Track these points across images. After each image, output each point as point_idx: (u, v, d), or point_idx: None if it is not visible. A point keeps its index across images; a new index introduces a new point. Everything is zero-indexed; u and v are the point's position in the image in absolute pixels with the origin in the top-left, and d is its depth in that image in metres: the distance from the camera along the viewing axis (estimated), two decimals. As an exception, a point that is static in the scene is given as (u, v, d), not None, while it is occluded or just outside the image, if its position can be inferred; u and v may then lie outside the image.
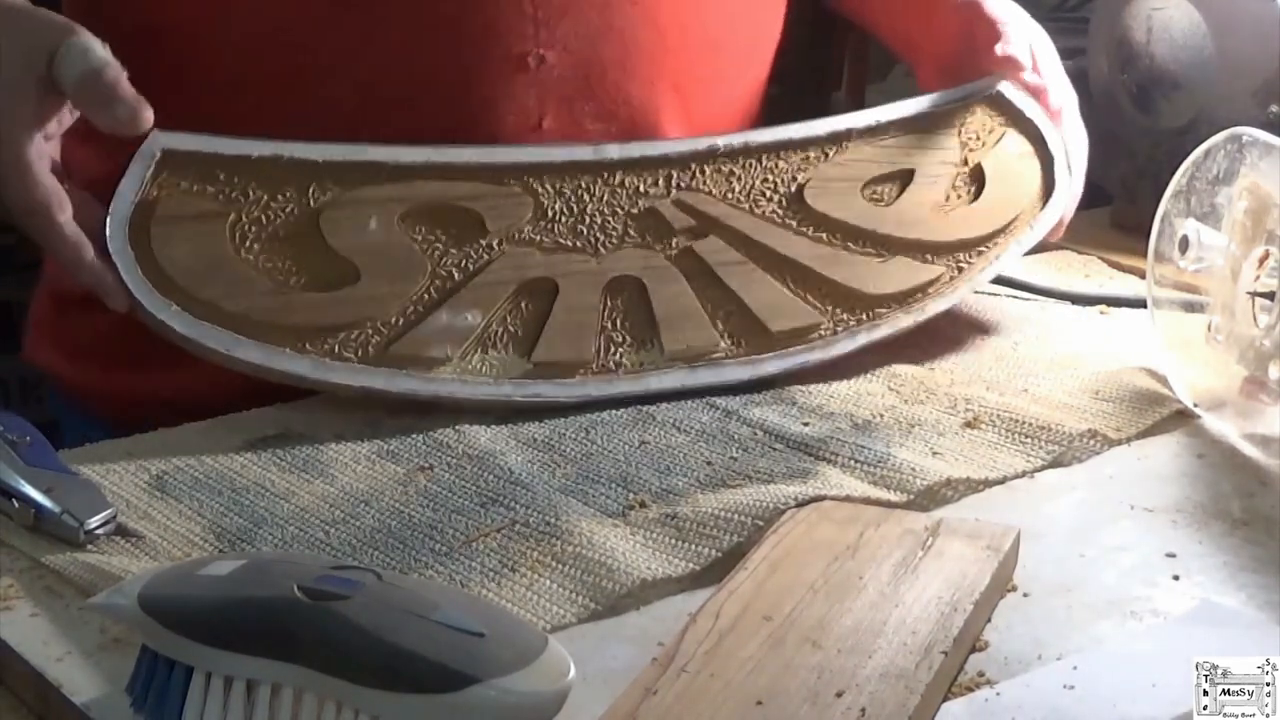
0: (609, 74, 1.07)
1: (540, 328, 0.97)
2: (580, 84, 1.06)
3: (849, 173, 1.06)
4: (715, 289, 1.01)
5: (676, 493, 0.87)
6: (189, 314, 0.93)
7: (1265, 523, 0.86)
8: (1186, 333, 0.99)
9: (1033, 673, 0.72)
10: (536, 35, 1.04)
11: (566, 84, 1.05)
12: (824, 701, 0.67)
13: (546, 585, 0.78)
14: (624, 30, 1.06)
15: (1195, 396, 0.98)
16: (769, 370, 1.00)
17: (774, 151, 1.04)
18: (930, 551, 0.78)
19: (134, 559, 0.80)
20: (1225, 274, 0.96)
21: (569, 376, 0.97)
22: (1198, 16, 1.24)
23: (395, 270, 0.96)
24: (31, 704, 0.72)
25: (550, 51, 1.04)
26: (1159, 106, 1.29)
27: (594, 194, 1.00)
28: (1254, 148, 0.96)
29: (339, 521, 0.84)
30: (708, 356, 0.99)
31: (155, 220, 0.93)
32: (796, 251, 1.03)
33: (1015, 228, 1.09)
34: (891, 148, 1.07)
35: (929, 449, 0.92)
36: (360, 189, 0.97)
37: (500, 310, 0.97)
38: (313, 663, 0.64)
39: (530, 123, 1.05)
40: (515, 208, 0.99)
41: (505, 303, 0.97)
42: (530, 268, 0.98)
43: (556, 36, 1.04)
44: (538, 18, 1.04)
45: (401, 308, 0.96)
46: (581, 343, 0.98)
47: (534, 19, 1.04)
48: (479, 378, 0.96)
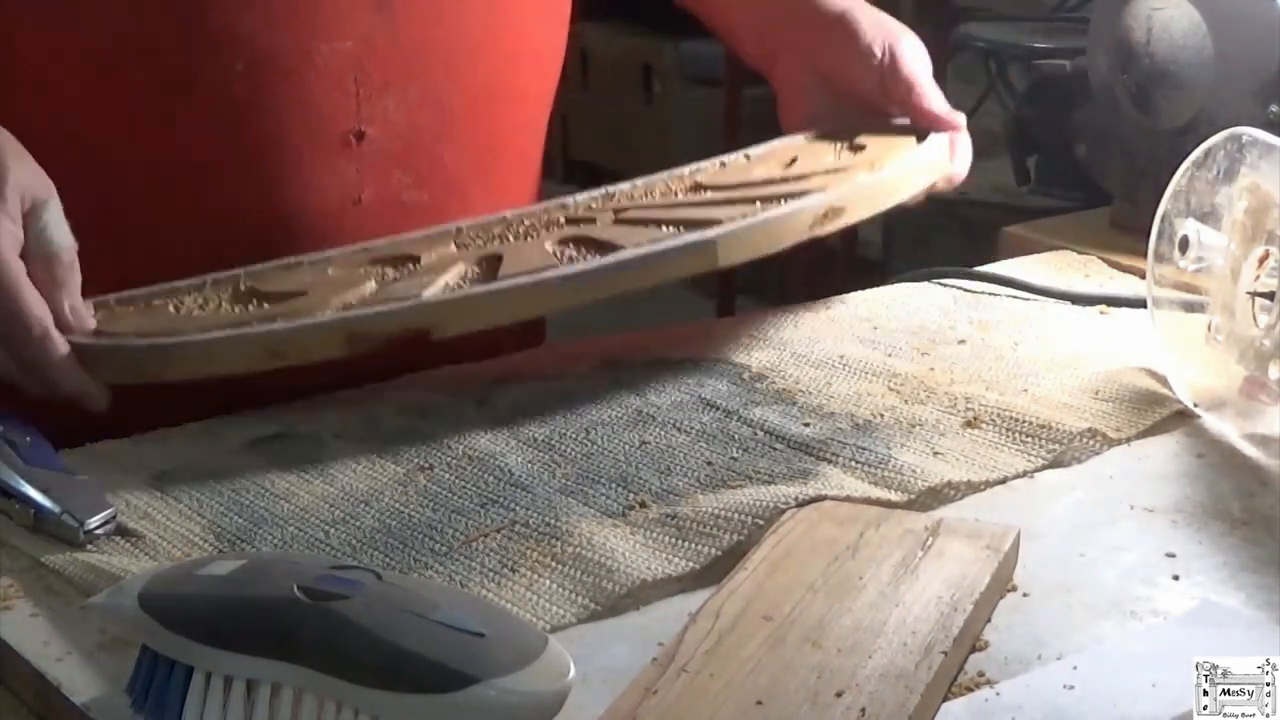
0: (425, 143, 1.08)
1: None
2: (398, 156, 1.07)
3: (745, 171, 1.09)
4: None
5: (677, 493, 0.87)
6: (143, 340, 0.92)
7: (1265, 523, 0.86)
8: (1186, 333, 0.99)
9: (1033, 673, 0.72)
10: (358, 112, 1.05)
11: (385, 157, 1.07)
12: (824, 701, 0.67)
13: (546, 585, 0.78)
14: (441, 101, 1.08)
15: (1195, 396, 0.98)
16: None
17: (671, 180, 1.09)
18: (930, 551, 0.79)
19: (134, 559, 0.80)
20: (1225, 274, 0.96)
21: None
22: (1198, 16, 1.24)
23: (340, 285, 0.95)
24: (31, 704, 0.72)
25: (371, 127, 1.05)
26: (1159, 106, 1.29)
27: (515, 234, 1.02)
28: (1254, 148, 0.96)
29: (339, 521, 0.84)
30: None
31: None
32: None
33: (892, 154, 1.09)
34: (779, 150, 1.13)
35: (929, 449, 0.92)
36: (289, 270, 0.98)
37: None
38: (313, 663, 0.64)
39: (351, 197, 1.06)
40: (444, 246, 1.00)
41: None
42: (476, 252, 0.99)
43: (377, 112, 1.05)
44: (360, 95, 1.05)
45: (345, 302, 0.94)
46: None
47: (356, 96, 1.05)
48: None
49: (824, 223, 0.98)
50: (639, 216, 1.00)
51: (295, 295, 0.94)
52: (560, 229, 1.01)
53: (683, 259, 0.94)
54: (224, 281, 0.98)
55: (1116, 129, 1.32)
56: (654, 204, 1.03)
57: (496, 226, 1.03)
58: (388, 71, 1.05)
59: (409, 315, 0.90)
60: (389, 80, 1.05)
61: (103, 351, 0.90)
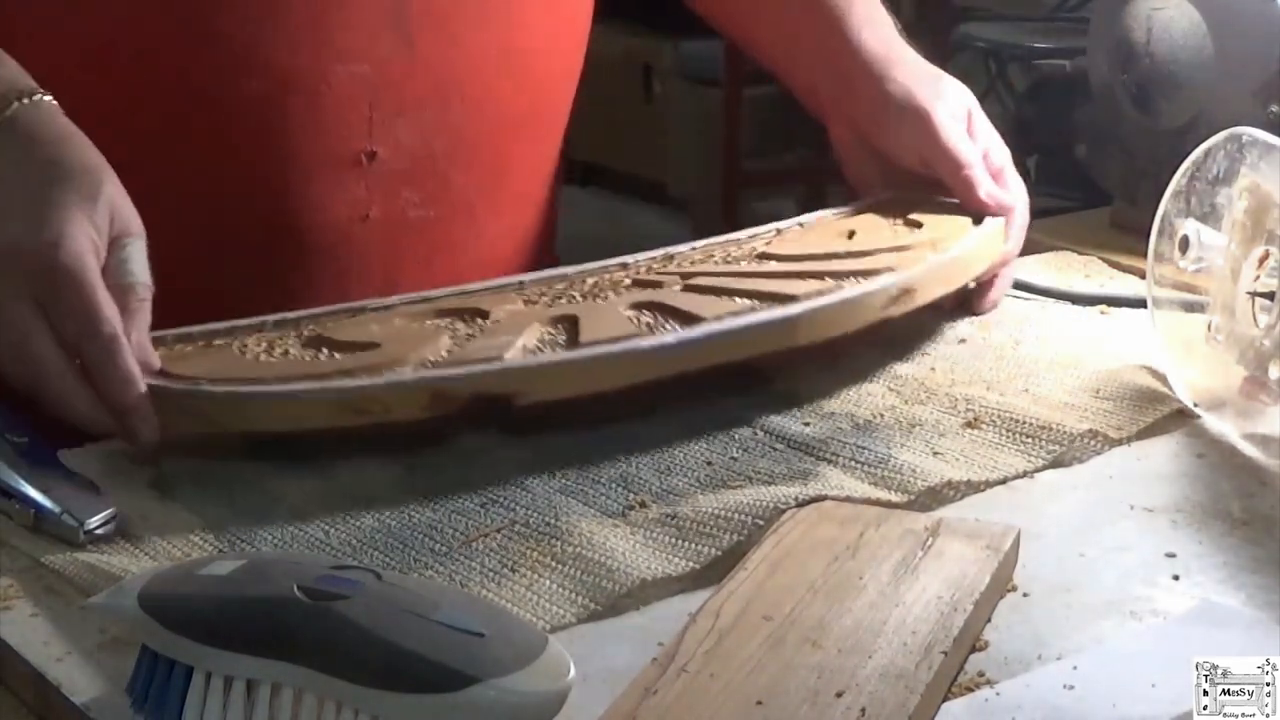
0: (436, 164, 1.08)
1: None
2: (407, 175, 1.07)
3: (804, 240, 1.09)
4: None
5: (677, 493, 0.87)
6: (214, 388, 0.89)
7: (1265, 523, 0.86)
8: (1186, 332, 0.99)
9: (1033, 673, 0.72)
10: (370, 133, 1.05)
11: (394, 176, 1.07)
12: (824, 701, 0.67)
13: (546, 585, 0.78)
14: (454, 125, 1.08)
15: (1195, 396, 0.98)
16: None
17: (728, 245, 1.08)
18: (930, 551, 0.79)
19: (134, 559, 0.80)
20: (1225, 274, 0.96)
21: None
22: (1198, 16, 1.24)
23: (415, 340, 0.93)
24: (31, 704, 0.72)
25: (382, 147, 1.06)
26: (1159, 106, 1.29)
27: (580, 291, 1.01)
28: (1254, 148, 0.96)
29: (338, 521, 0.84)
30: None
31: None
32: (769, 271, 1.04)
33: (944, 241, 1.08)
34: (835, 219, 1.13)
35: (929, 449, 0.92)
36: (355, 317, 0.97)
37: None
38: (313, 662, 0.64)
39: (358, 214, 1.07)
40: (510, 301, 0.99)
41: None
42: (546, 310, 0.98)
43: (389, 134, 1.06)
44: (373, 117, 1.05)
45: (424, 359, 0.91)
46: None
47: (369, 118, 1.05)
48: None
49: (896, 303, 0.99)
50: (709, 284, 1.00)
51: (368, 347, 0.92)
52: (628, 291, 1.00)
53: (764, 335, 0.94)
54: (286, 323, 0.96)
55: (1116, 129, 1.32)
56: (721, 271, 1.03)
57: (559, 283, 1.02)
58: (402, 95, 1.05)
59: (494, 380, 0.88)
60: (403, 103, 1.05)
61: (175, 395, 0.87)
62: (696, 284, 1.00)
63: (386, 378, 0.88)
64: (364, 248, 1.06)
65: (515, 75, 1.10)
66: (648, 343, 0.91)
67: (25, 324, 0.86)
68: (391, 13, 1.04)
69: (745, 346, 0.93)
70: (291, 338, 0.95)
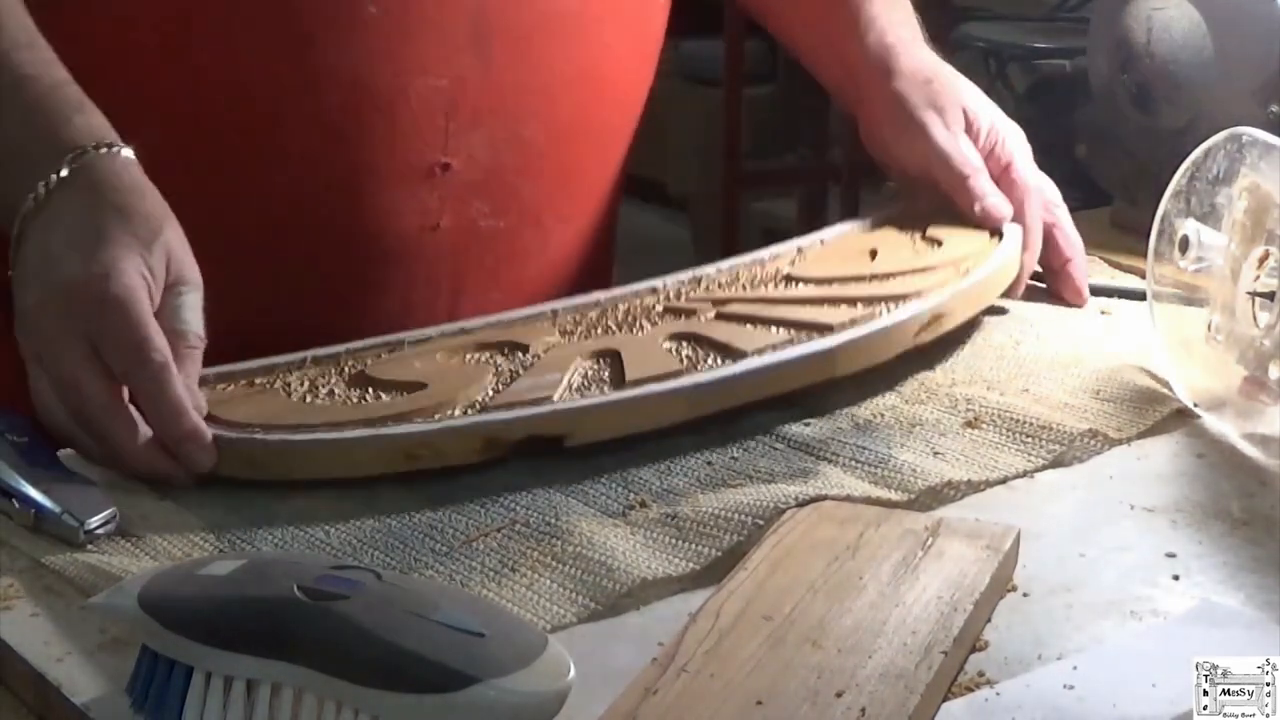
0: (507, 176, 1.09)
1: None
2: (479, 186, 1.08)
3: (827, 260, 1.10)
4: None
5: (677, 492, 0.87)
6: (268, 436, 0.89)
7: (1265, 523, 0.86)
8: (1186, 332, 0.99)
9: (1033, 673, 0.72)
10: (445, 146, 1.06)
11: (466, 187, 1.08)
12: (824, 701, 0.67)
13: (547, 585, 0.78)
14: (527, 138, 1.09)
15: (1195, 396, 0.98)
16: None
17: (753, 266, 1.09)
18: (930, 551, 0.79)
19: (134, 559, 0.80)
20: (1225, 274, 0.96)
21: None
22: (1198, 16, 1.24)
23: (461, 379, 0.93)
24: (31, 704, 0.72)
25: (456, 159, 1.06)
26: (1159, 106, 1.29)
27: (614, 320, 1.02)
28: (1254, 148, 0.96)
29: (339, 521, 0.84)
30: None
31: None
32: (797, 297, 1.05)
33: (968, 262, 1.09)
34: (855, 235, 1.14)
35: (930, 449, 0.92)
36: (394, 353, 0.98)
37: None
38: (313, 663, 0.64)
39: (429, 224, 1.07)
40: (546, 332, 1.00)
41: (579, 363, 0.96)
42: (585, 344, 0.98)
43: (463, 145, 1.06)
44: (449, 130, 1.06)
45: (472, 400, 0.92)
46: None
47: (444, 131, 1.06)
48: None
49: (928, 329, 1.01)
50: (742, 313, 1.01)
51: (415, 386, 0.92)
52: (662, 320, 1.01)
53: (804, 369, 0.96)
54: (325, 360, 0.96)
55: (1116, 129, 1.32)
56: (751, 297, 1.04)
57: (592, 310, 1.03)
58: (478, 108, 1.06)
59: (546, 422, 0.90)
60: (478, 116, 1.06)
61: (226, 442, 0.87)
62: (730, 312, 1.02)
63: (440, 424, 0.89)
64: (433, 256, 1.07)
65: (588, 90, 1.11)
66: (692, 381, 0.93)
67: (75, 360, 0.86)
68: (471, 28, 1.05)
69: (786, 380, 0.96)
70: (334, 376, 0.95)
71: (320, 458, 0.88)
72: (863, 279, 1.05)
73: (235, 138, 1.03)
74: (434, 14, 1.04)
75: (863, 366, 0.98)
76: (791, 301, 1.03)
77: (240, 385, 0.94)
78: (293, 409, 0.91)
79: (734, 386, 0.94)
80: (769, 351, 0.96)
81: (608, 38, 1.12)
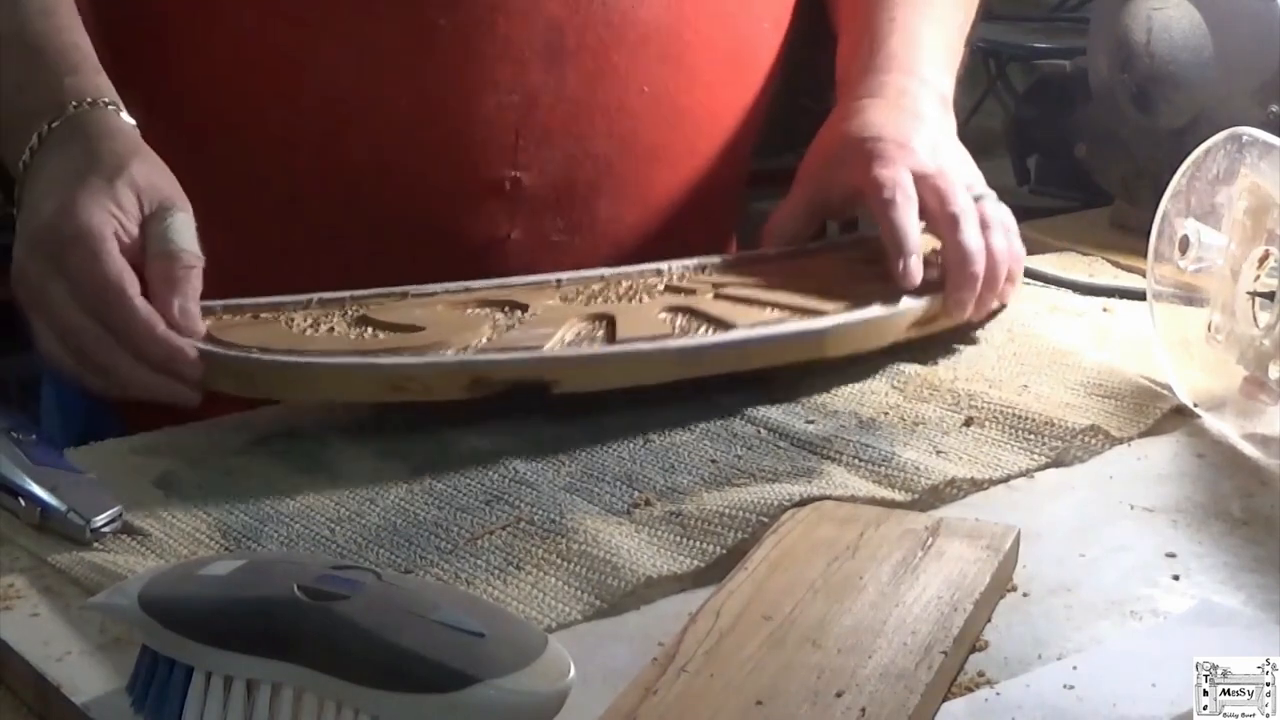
0: (579, 192, 1.09)
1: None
2: (551, 202, 1.08)
3: (830, 257, 1.11)
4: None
5: (681, 491, 0.87)
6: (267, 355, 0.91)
7: (1265, 523, 0.86)
8: (1186, 332, 0.99)
9: (1033, 673, 0.72)
10: (515, 160, 1.07)
11: (538, 201, 1.08)
12: (824, 701, 0.67)
13: (551, 583, 0.78)
14: (599, 155, 1.09)
15: (1195, 396, 0.98)
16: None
17: (757, 258, 1.10)
18: (930, 551, 0.79)
19: (139, 558, 0.80)
20: (1225, 274, 0.96)
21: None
22: (1198, 16, 1.24)
23: (457, 325, 0.95)
24: (31, 704, 0.72)
25: (526, 174, 1.07)
26: (1159, 106, 1.29)
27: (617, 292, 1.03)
28: (1254, 148, 0.96)
29: (344, 519, 0.84)
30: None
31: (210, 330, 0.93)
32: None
33: None
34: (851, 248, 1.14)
35: (932, 447, 0.92)
36: (399, 300, 0.99)
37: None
38: (313, 662, 0.64)
39: (499, 236, 1.08)
40: (548, 296, 1.01)
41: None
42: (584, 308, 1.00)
43: (534, 161, 1.07)
44: (518, 145, 1.06)
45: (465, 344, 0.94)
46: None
47: (514, 146, 1.06)
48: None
49: (920, 326, 1.03)
50: (740, 294, 1.02)
51: (412, 329, 0.94)
52: (662, 296, 1.02)
53: (793, 345, 0.98)
54: (330, 302, 0.98)
55: (1116, 129, 1.32)
56: (751, 283, 1.05)
57: (596, 283, 1.04)
58: (549, 125, 1.06)
59: (532, 367, 0.92)
60: (549, 134, 1.07)
61: (223, 360, 0.90)
62: (728, 293, 1.03)
63: (429, 358, 0.91)
64: (503, 265, 1.07)
65: (668, 112, 1.11)
66: (681, 343, 0.95)
67: (59, 301, 0.89)
68: (544, 46, 1.05)
69: (774, 354, 0.97)
70: (337, 316, 0.97)
71: (310, 380, 0.91)
72: (862, 279, 1.06)
73: (307, 146, 1.05)
74: (505, 30, 1.04)
75: (852, 351, 0.99)
76: (790, 289, 1.04)
77: (245, 316, 0.96)
78: (292, 337, 0.94)
79: (722, 354, 0.95)
80: (759, 327, 0.97)
81: (696, 62, 1.11)
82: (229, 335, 0.93)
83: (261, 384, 0.91)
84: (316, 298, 0.99)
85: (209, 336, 0.91)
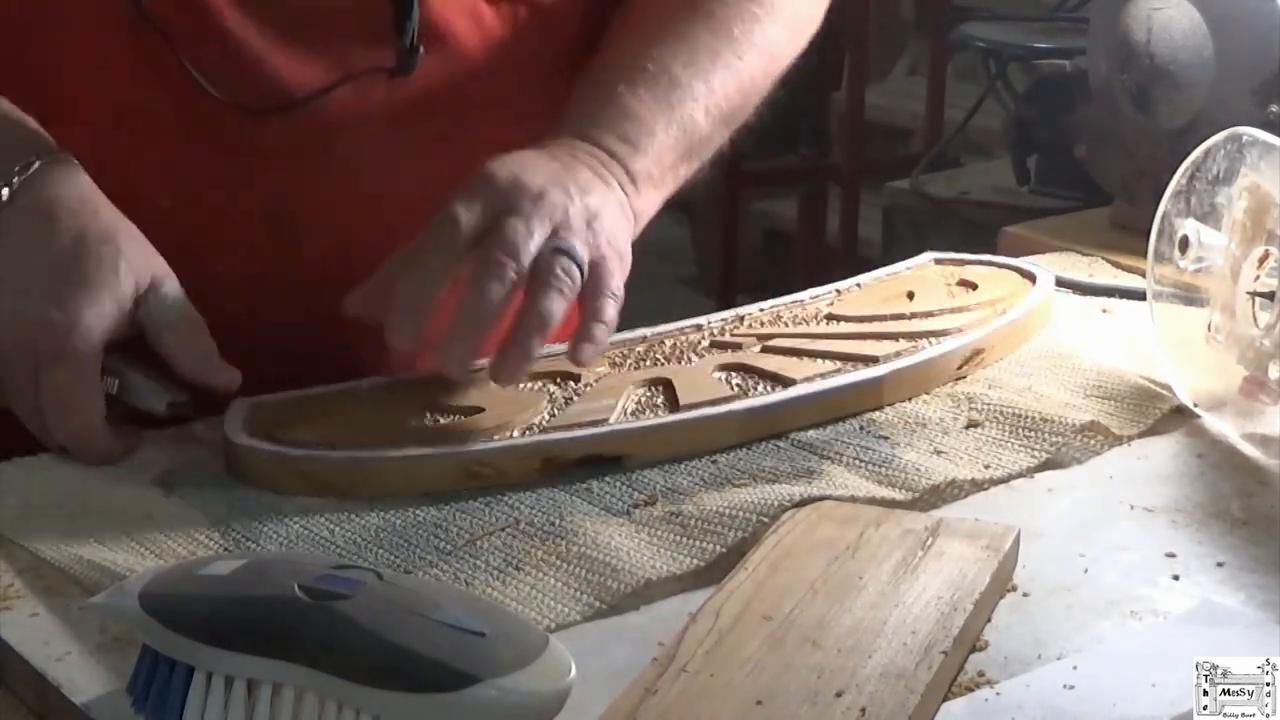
0: (362, 270, 1.01)
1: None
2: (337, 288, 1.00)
3: (866, 301, 1.10)
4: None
5: (682, 491, 0.87)
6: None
7: (1265, 523, 0.86)
8: (1186, 332, 0.99)
9: (1033, 673, 0.72)
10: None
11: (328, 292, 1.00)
12: (824, 701, 0.67)
13: (551, 584, 0.78)
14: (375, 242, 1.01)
15: (1195, 396, 0.98)
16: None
17: (794, 306, 1.09)
18: (930, 551, 0.79)
19: (139, 557, 0.80)
20: (1225, 274, 0.96)
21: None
22: (1198, 16, 1.24)
23: (517, 404, 0.93)
24: (31, 704, 0.72)
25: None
26: (1159, 106, 1.29)
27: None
28: (1254, 148, 0.96)
29: (344, 520, 0.84)
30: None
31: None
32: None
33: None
34: (889, 281, 1.13)
35: (932, 448, 0.92)
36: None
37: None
38: (313, 662, 0.64)
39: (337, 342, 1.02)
40: (596, 364, 0.98)
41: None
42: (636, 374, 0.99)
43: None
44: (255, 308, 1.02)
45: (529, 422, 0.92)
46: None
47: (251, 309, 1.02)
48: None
49: (969, 364, 1.02)
50: (788, 346, 1.02)
51: (473, 410, 0.93)
52: (709, 354, 1.01)
53: (853, 395, 0.97)
54: (380, 388, 0.97)
55: (1116, 129, 1.32)
56: (795, 333, 1.04)
57: (639, 345, 1.03)
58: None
59: (603, 441, 0.91)
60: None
61: (295, 461, 0.88)
62: (775, 346, 1.02)
63: (501, 443, 0.90)
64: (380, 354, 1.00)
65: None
66: (747, 404, 0.94)
67: (22, 394, 0.88)
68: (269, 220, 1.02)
69: (834, 407, 0.97)
70: (393, 400, 0.95)
71: (384, 477, 0.88)
72: (903, 317, 1.06)
73: (167, 253, 0.97)
74: (226, 207, 1.01)
75: (907, 396, 0.99)
76: (835, 336, 1.04)
77: (298, 408, 0.94)
78: (356, 429, 0.92)
79: (785, 412, 0.95)
80: (818, 380, 0.97)
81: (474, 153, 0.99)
82: (290, 434, 0.90)
83: (334, 484, 0.88)
84: (366, 384, 0.97)
85: (269, 435, 0.90)
